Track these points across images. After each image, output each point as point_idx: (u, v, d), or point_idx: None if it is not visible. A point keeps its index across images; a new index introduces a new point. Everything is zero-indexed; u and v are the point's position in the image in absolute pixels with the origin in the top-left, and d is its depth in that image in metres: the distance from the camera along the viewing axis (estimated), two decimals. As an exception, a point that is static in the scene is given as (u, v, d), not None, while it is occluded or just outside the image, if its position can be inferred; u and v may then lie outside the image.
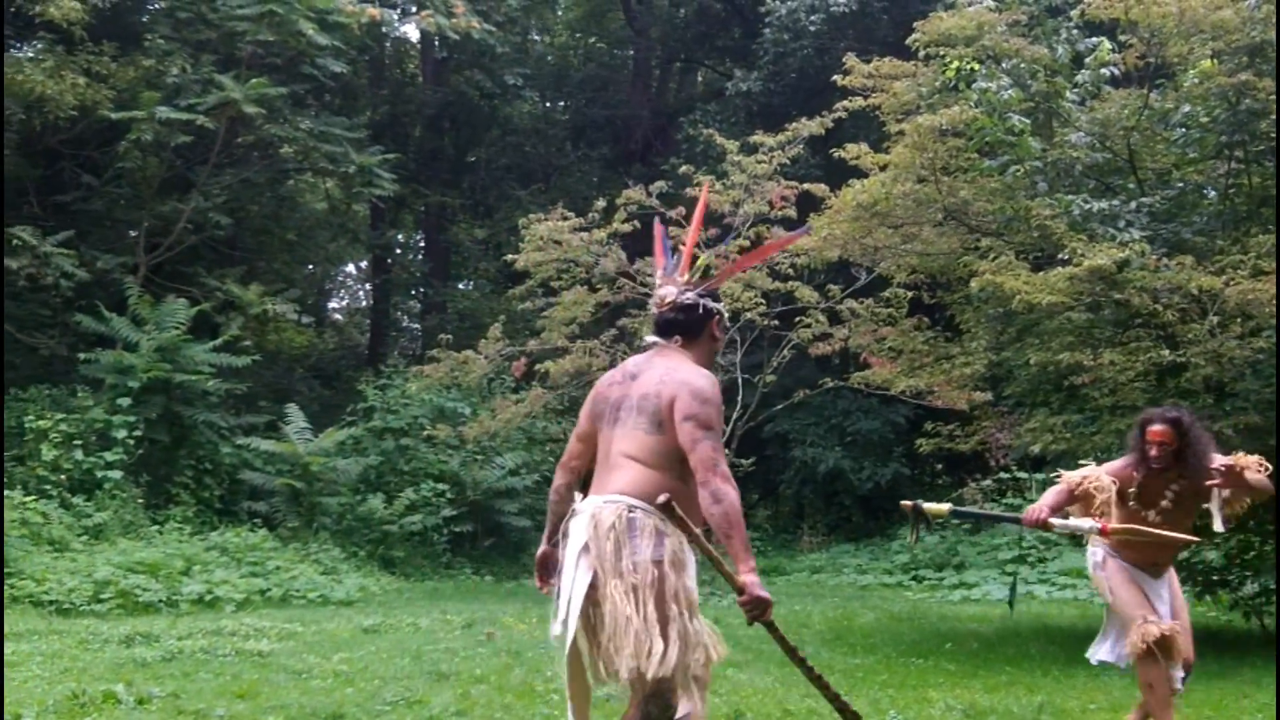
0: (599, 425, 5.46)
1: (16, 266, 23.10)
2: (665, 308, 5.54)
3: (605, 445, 5.38)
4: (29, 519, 18.01)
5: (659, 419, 5.21)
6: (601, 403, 5.47)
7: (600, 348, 19.62)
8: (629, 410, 5.32)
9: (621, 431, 5.31)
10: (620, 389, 5.42)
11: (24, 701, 8.45)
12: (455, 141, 35.85)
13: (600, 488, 5.31)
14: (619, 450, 5.29)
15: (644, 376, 5.36)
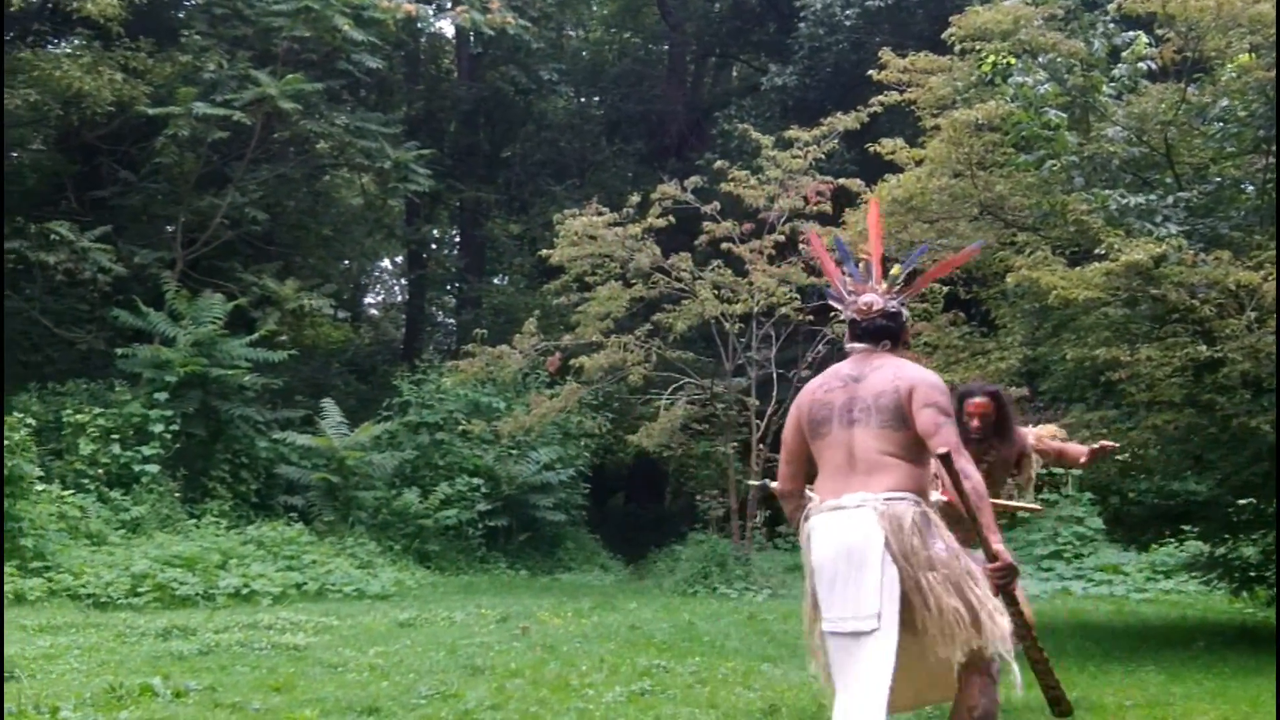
0: (824, 429, 5.54)
1: (54, 261, 23.24)
2: (874, 314, 5.68)
3: (844, 445, 5.47)
4: (67, 513, 18.12)
5: (901, 414, 5.38)
6: (823, 408, 5.56)
7: (635, 342, 19.64)
8: (866, 410, 5.45)
9: (865, 431, 5.43)
10: (843, 392, 5.54)
11: (62, 694, 8.49)
12: (490, 137, 35.88)
13: (863, 485, 5.38)
14: (871, 449, 5.41)
15: (871, 378, 5.51)
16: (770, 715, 8.01)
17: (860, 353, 5.67)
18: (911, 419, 5.35)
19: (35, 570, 16.26)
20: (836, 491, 5.42)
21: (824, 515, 5.42)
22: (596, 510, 28.31)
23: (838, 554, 5.32)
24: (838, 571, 5.31)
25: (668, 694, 8.75)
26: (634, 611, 15.05)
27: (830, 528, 5.37)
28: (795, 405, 5.70)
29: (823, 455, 5.54)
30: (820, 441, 5.55)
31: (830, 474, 5.50)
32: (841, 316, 5.84)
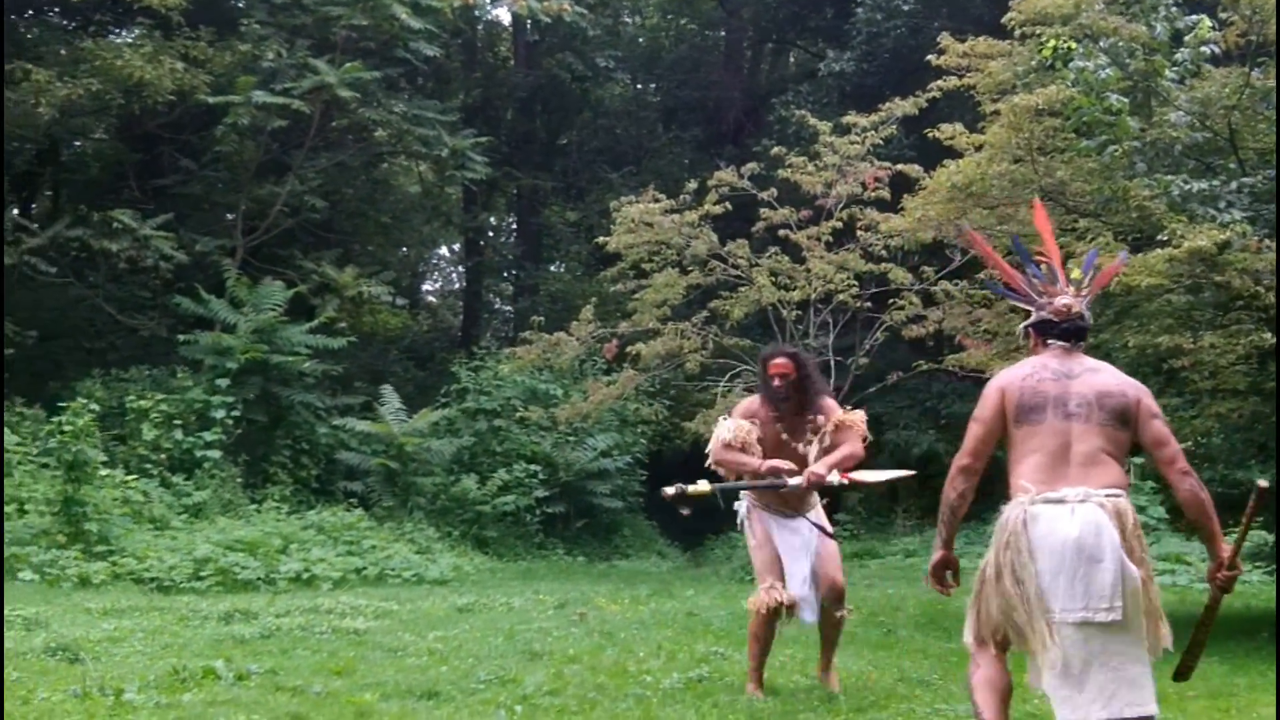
0: (1036, 416, 5.73)
1: (117, 249, 23.46)
2: (1074, 316, 5.95)
3: (1057, 439, 5.68)
4: (131, 498, 18.30)
5: (1125, 418, 5.69)
6: (1036, 396, 5.74)
7: (691, 330, 19.61)
8: (1087, 406, 5.70)
9: (1085, 427, 5.67)
10: (1055, 385, 5.75)
11: (126, 677, 8.58)
12: (547, 124, 35.93)
13: (1081, 479, 5.61)
14: (1090, 445, 5.65)
15: (1087, 378, 5.79)
16: (828, 703, 8.00)
17: (1058, 350, 5.91)
18: (1135, 425, 5.70)
19: (100, 554, 16.43)
20: (1051, 483, 5.62)
21: (1046, 506, 5.60)
22: (653, 497, 28.27)
23: (1065, 545, 5.50)
24: (1064, 563, 5.50)
25: (725, 681, 8.75)
26: (691, 598, 15.06)
27: (1057, 519, 5.55)
28: (998, 390, 5.87)
29: (1028, 442, 5.75)
30: (1029, 428, 5.74)
31: (1037, 464, 5.70)
32: (1031, 319, 6.08)
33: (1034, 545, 5.56)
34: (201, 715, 7.41)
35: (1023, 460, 5.74)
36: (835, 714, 7.66)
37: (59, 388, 22.05)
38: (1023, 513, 5.63)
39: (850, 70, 27.81)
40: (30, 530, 16.89)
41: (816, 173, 19.18)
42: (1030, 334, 6.12)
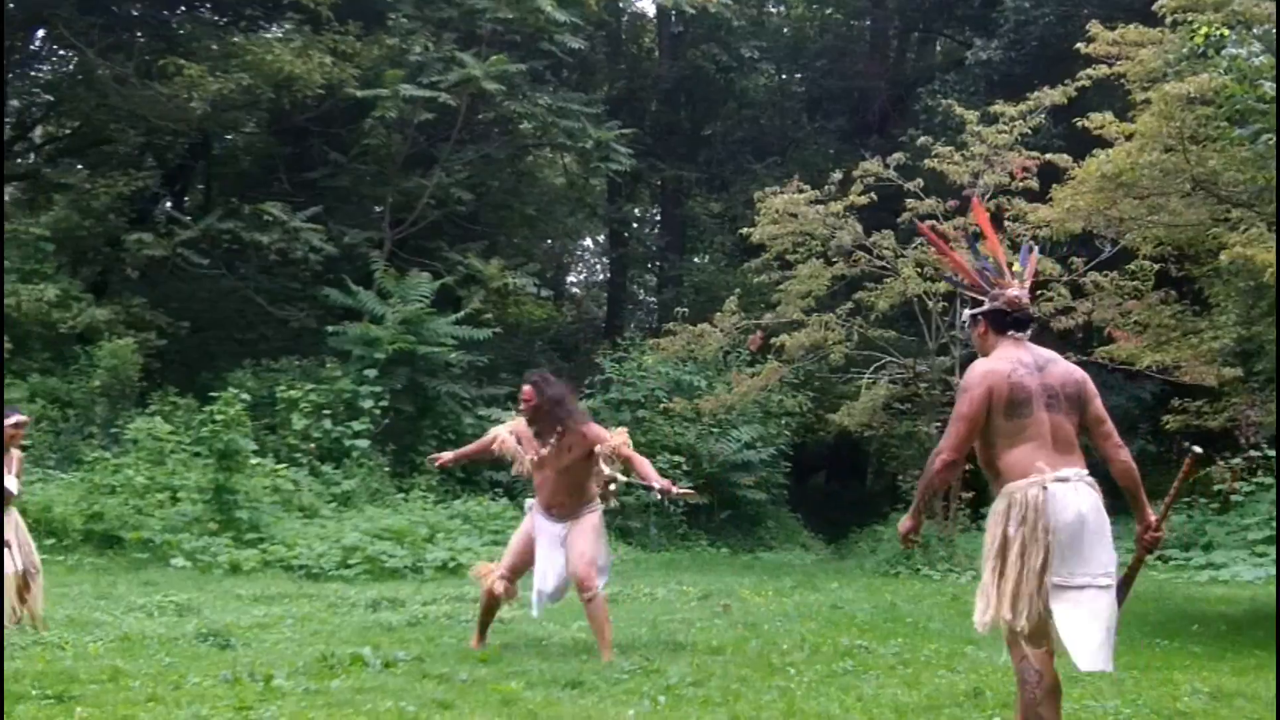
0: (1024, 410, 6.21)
1: (268, 241, 23.87)
2: (1024, 307, 6.50)
3: (1045, 427, 6.20)
4: (280, 486, 18.61)
5: (1080, 402, 6.33)
6: (1022, 391, 6.23)
7: (836, 321, 19.49)
8: (1056, 398, 6.28)
9: (1058, 415, 6.25)
10: (1035, 378, 6.28)
11: (276, 663, 8.71)
12: (691, 115, 35.91)
13: (1067, 462, 6.18)
14: (1064, 430, 6.26)
15: (1050, 369, 6.36)
16: (974, 698, 7.92)
17: (1014, 341, 6.45)
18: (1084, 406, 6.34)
19: (250, 542, 16.72)
20: (1052, 464, 6.11)
21: (1058, 485, 6.07)
22: (797, 489, 28.22)
23: (1077, 519, 6.04)
24: (1078, 534, 6.04)
25: (869, 674, 8.70)
26: (835, 591, 14.98)
27: (1068, 497, 6.06)
28: (985, 385, 6.22)
29: (1022, 433, 6.19)
30: (1019, 420, 6.20)
31: (1035, 449, 6.16)
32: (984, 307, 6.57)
33: (1054, 519, 6.02)
34: (349, 702, 7.51)
35: (1014, 448, 6.19)
36: (982, 709, 7.58)
37: (211, 378, 22.48)
38: (1042, 491, 6.06)
39: (998, 59, 27.45)
40: (183, 517, 17.24)
41: (963, 163, 18.94)
42: (981, 324, 6.59)
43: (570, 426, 9.70)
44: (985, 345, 6.58)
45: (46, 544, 16.26)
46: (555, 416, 9.70)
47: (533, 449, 9.82)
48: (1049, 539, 6.03)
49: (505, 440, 10.08)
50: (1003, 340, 6.48)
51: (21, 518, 10.84)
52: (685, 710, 7.43)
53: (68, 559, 16.00)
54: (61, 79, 29.50)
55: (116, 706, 7.26)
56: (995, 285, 6.58)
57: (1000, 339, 6.50)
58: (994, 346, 6.51)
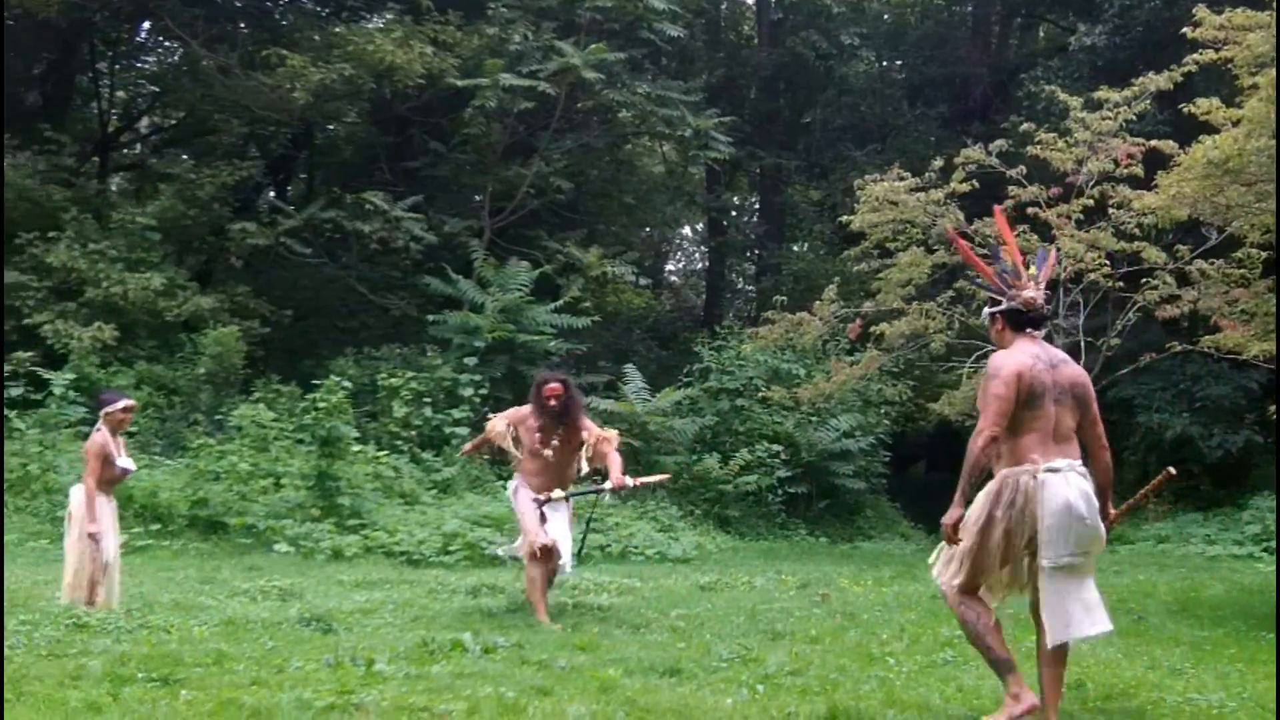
0: (1038, 403, 6.86)
1: (369, 230, 24.08)
2: (1039, 307, 7.19)
3: (1051, 418, 6.89)
4: (382, 473, 18.78)
5: (1084, 402, 7.04)
6: (1039, 385, 6.86)
7: (937, 309, 19.34)
8: (1064, 394, 6.95)
9: (1063, 410, 6.94)
10: (1050, 374, 6.92)
11: (377, 647, 8.79)
12: (791, 103, 35.77)
13: (1062, 453, 6.88)
14: (1067, 425, 6.97)
15: (1062, 368, 7.02)
16: (1076, 689, 7.84)
17: (1031, 338, 7.13)
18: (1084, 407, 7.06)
19: (352, 528, 16.88)
20: (1049, 455, 6.83)
21: (1050, 474, 6.78)
22: (897, 478, 28.06)
23: (1072, 504, 6.75)
24: (1067, 519, 6.75)
25: (969, 665, 8.63)
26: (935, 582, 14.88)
27: (1059, 486, 6.77)
28: (1015, 375, 6.81)
29: (1031, 423, 6.86)
30: (1031, 411, 6.85)
31: (1038, 440, 6.86)
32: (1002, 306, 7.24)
33: (1043, 506, 6.74)
34: (449, 687, 7.55)
35: (1025, 435, 6.86)
36: (1083, 701, 7.50)
37: (313, 365, 22.72)
38: (1033, 479, 6.78)
39: (1102, 44, 27.09)
40: (286, 504, 17.44)
41: (1067, 149, 18.71)
42: (999, 321, 7.26)
43: (577, 423, 11.02)
44: (1003, 340, 7.22)
45: (152, 529, 16.55)
46: (571, 414, 10.96)
47: (532, 438, 10.97)
48: (1038, 524, 6.75)
49: (492, 425, 11.31)
50: (1019, 337, 7.13)
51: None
52: (783, 699, 7.41)
53: (173, 544, 16.24)
54: (167, 70, 29.93)
55: (221, 689, 7.35)
56: (1013, 287, 7.24)
57: (1017, 336, 7.14)
58: (1011, 342, 7.14)
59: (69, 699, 7.06)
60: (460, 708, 6.99)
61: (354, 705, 6.94)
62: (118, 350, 21.66)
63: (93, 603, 10.36)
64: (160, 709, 6.77)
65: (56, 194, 23.85)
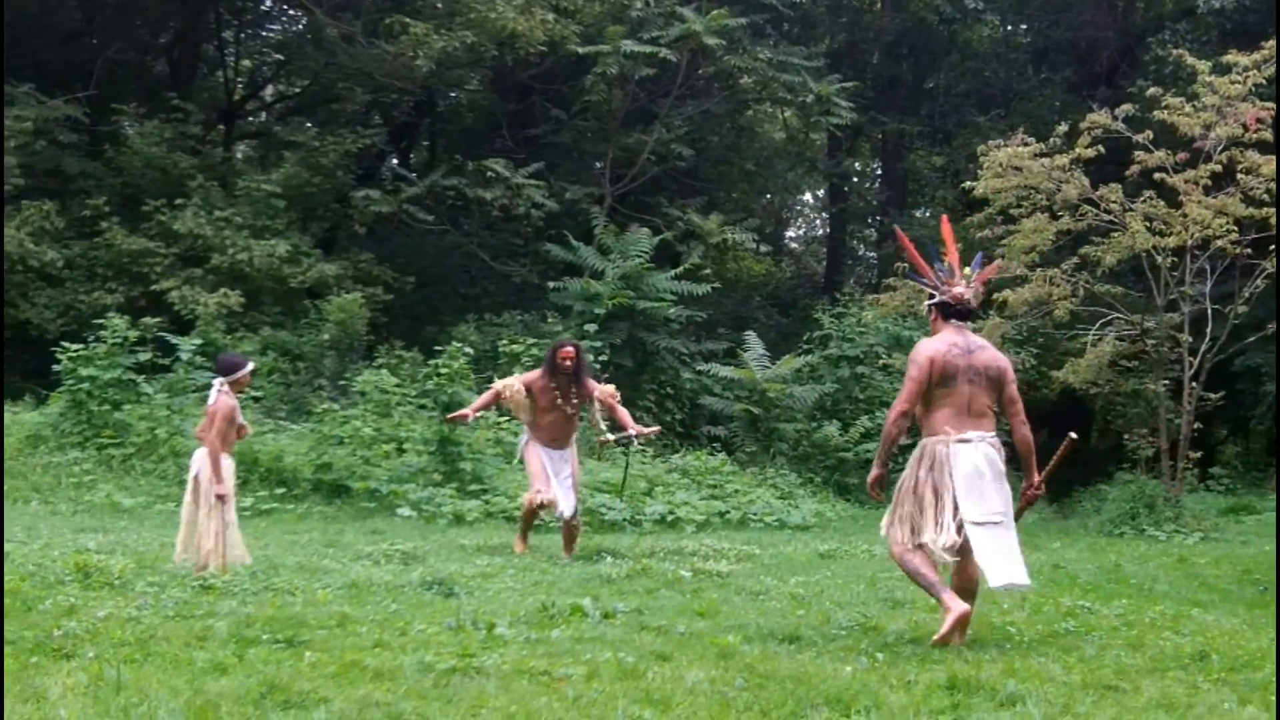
0: (952, 383, 8.15)
1: (490, 197, 24.22)
2: (966, 302, 8.42)
3: (964, 398, 8.18)
4: (503, 439, 18.89)
5: (999, 383, 8.30)
6: (951, 367, 8.15)
7: (1061, 276, 19.09)
8: (979, 376, 8.22)
9: (977, 390, 8.21)
10: (965, 359, 8.20)
11: (498, 612, 8.85)
12: (913, 67, 35.43)
13: (975, 426, 8.19)
14: (982, 402, 8.24)
15: (979, 353, 8.28)
16: (1200, 661, 7.73)
17: (955, 328, 8.38)
18: (1001, 387, 8.32)
19: (473, 493, 17.02)
20: (961, 428, 8.15)
21: (960, 444, 8.12)
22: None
23: (977, 470, 8.08)
24: (977, 482, 8.07)
25: (1092, 635, 8.54)
26: (1058, 551, 14.73)
27: (969, 453, 8.10)
28: (928, 361, 8.12)
29: (945, 400, 8.17)
30: (944, 390, 8.16)
31: (952, 414, 8.17)
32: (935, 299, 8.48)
33: (954, 470, 8.07)
34: (569, 651, 7.59)
35: (938, 411, 8.19)
36: (1207, 672, 7.40)
37: (435, 332, 22.92)
38: (946, 448, 8.11)
39: (1230, 7, 26.58)
40: (409, 468, 17.61)
41: (1194, 114, 18.36)
42: (933, 311, 8.53)
43: (584, 383, 12.80)
44: (935, 328, 8.51)
45: (277, 493, 16.80)
46: (581, 376, 12.77)
47: (548, 398, 12.60)
48: (952, 483, 8.04)
49: (517, 390, 12.69)
50: (947, 326, 8.41)
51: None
52: (903, 668, 7.37)
53: (297, 508, 16.47)
54: (291, 39, 30.29)
55: (344, 651, 7.44)
56: (945, 284, 8.49)
57: (945, 325, 8.42)
58: (940, 330, 8.43)
59: (195, 660, 7.18)
60: (580, 672, 7.03)
61: (475, 668, 7.00)
62: (243, 316, 22.00)
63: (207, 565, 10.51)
64: (285, 670, 6.86)
65: (183, 162, 24.26)
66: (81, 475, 16.97)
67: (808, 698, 6.54)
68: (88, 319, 19.93)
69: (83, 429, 18.00)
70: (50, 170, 24.66)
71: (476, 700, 6.35)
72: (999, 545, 8.08)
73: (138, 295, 22.33)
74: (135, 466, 17.40)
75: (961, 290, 8.44)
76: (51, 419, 18.38)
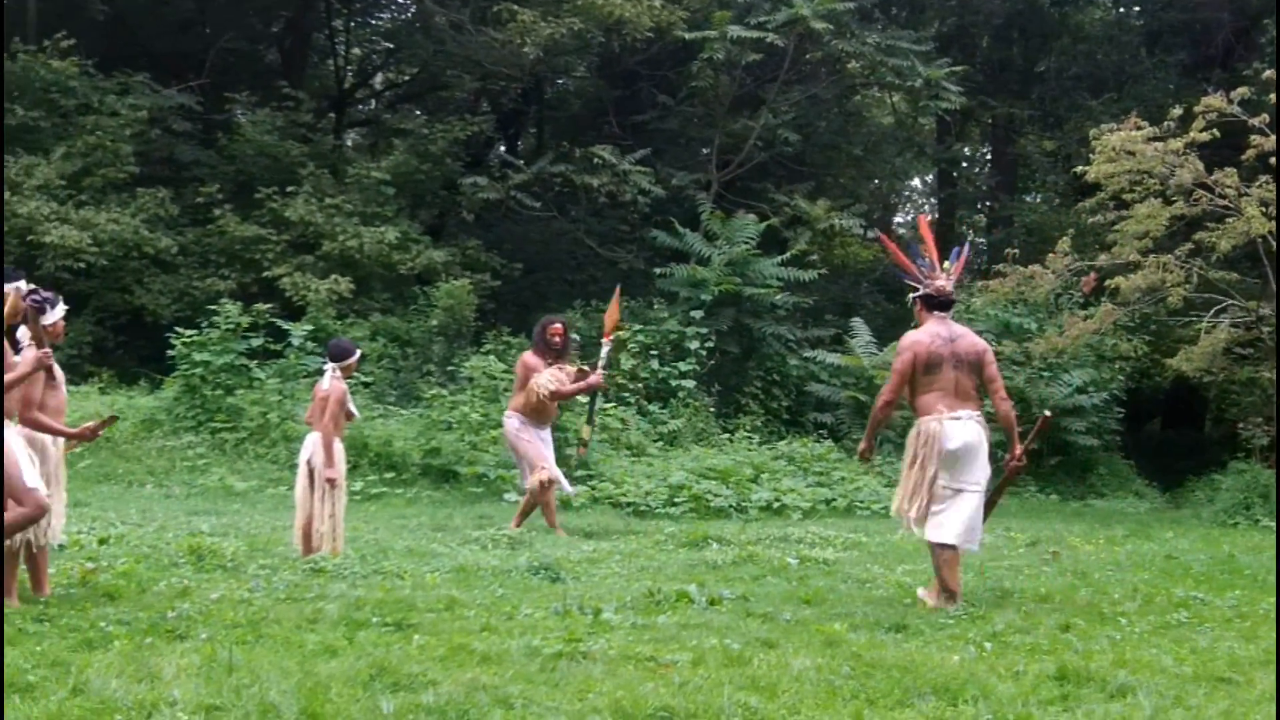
0: (937, 370, 9.10)
1: (597, 184, 24.29)
2: (947, 294, 9.32)
3: (950, 382, 9.14)
4: (609, 424, 18.95)
5: (979, 365, 9.26)
6: (936, 356, 9.10)
7: (1175, 263, 18.82)
8: (962, 361, 9.18)
9: (960, 373, 9.16)
10: (948, 346, 9.15)
11: (604, 597, 8.89)
12: (1024, 51, 35.00)
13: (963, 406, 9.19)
14: (966, 385, 9.22)
15: (960, 341, 9.24)
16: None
17: (939, 318, 9.30)
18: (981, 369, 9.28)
19: (579, 478, 17.05)
20: (952, 408, 9.11)
21: (952, 422, 9.09)
22: (1131, 435, 27.37)
23: (967, 445, 9.12)
24: (965, 455, 9.13)
25: (1204, 627, 8.43)
26: (1170, 541, 14.54)
27: (960, 430, 9.10)
28: (911, 353, 9.13)
29: (933, 385, 9.12)
30: (931, 376, 9.11)
31: (941, 397, 9.11)
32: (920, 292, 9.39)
33: (945, 444, 9.06)
34: (675, 637, 7.62)
35: (929, 394, 9.13)
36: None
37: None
38: (940, 425, 9.08)
39: (1351, -14, 26.01)
40: (515, 454, 17.70)
41: (1314, 97, 18.03)
42: (918, 304, 9.42)
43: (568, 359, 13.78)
44: (920, 319, 9.41)
45: (387, 477, 16.97)
46: (567, 352, 13.80)
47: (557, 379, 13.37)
48: (941, 458, 9.05)
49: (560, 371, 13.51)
50: (931, 317, 9.32)
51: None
52: (1011, 658, 7.32)
53: (406, 492, 16.63)
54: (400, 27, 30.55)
55: (452, 635, 7.51)
56: (928, 278, 9.41)
57: (929, 316, 9.33)
58: (925, 320, 9.34)
59: (306, 641, 7.28)
60: (686, 658, 7.04)
61: (582, 653, 7.03)
62: (353, 302, 22.22)
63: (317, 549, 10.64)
64: (394, 653, 6.94)
65: (294, 149, 24.57)
66: (195, 459, 17.25)
67: (914, 686, 6.52)
68: (201, 305, 20.24)
69: (196, 413, 18.31)
70: (164, 158, 25.10)
71: (583, 685, 6.38)
72: (969, 510, 9.20)
73: (250, 281, 22.63)
74: (247, 450, 17.65)
75: (943, 283, 9.38)
76: (166, 403, 18.70)
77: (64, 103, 23.16)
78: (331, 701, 5.94)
